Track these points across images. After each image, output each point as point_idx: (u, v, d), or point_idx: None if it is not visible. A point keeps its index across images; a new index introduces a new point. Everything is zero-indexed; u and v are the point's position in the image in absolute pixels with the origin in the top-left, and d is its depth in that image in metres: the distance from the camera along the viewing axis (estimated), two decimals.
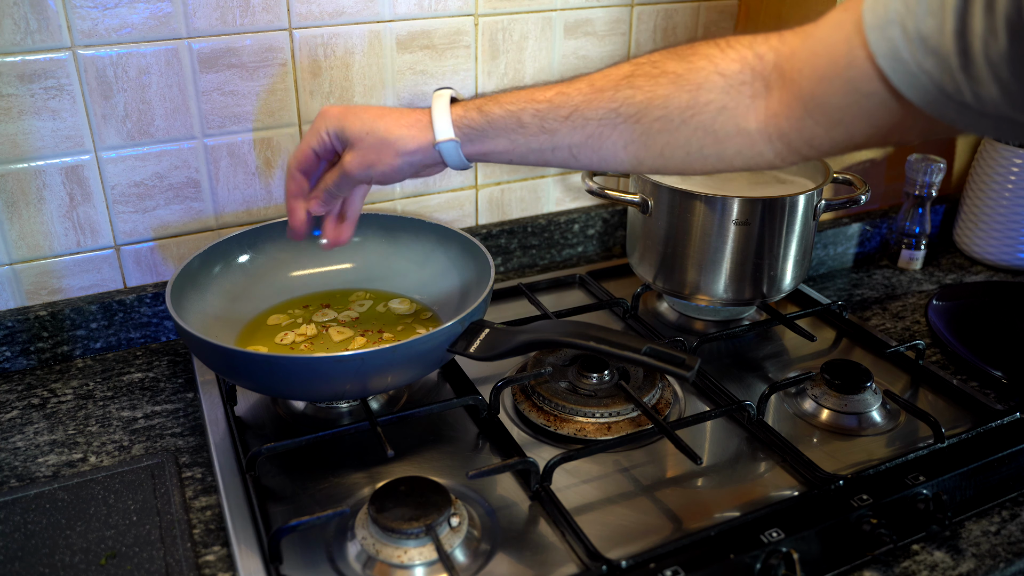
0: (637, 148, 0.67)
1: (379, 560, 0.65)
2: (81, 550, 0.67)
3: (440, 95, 0.71)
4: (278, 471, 0.76)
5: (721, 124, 0.63)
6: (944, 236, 1.30)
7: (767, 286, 0.96)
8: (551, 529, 0.69)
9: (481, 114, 0.69)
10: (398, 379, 0.76)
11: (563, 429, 0.80)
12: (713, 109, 0.63)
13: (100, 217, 0.92)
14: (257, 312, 0.90)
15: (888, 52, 0.51)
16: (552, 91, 0.68)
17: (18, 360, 0.92)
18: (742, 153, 0.64)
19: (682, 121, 0.64)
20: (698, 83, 0.63)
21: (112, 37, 0.85)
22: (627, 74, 0.66)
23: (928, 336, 1.03)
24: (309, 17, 0.93)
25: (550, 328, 0.76)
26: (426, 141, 0.70)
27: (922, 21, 0.48)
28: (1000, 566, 0.69)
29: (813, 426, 0.84)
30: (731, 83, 0.62)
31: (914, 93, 0.51)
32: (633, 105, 0.65)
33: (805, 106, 0.59)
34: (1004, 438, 0.80)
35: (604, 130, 0.66)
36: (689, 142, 0.65)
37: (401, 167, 0.72)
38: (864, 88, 0.54)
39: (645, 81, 0.65)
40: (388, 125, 0.71)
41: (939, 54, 0.48)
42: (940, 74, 0.49)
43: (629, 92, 0.65)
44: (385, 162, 0.71)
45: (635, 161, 0.68)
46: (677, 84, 0.63)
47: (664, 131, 0.65)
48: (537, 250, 1.17)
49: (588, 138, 0.67)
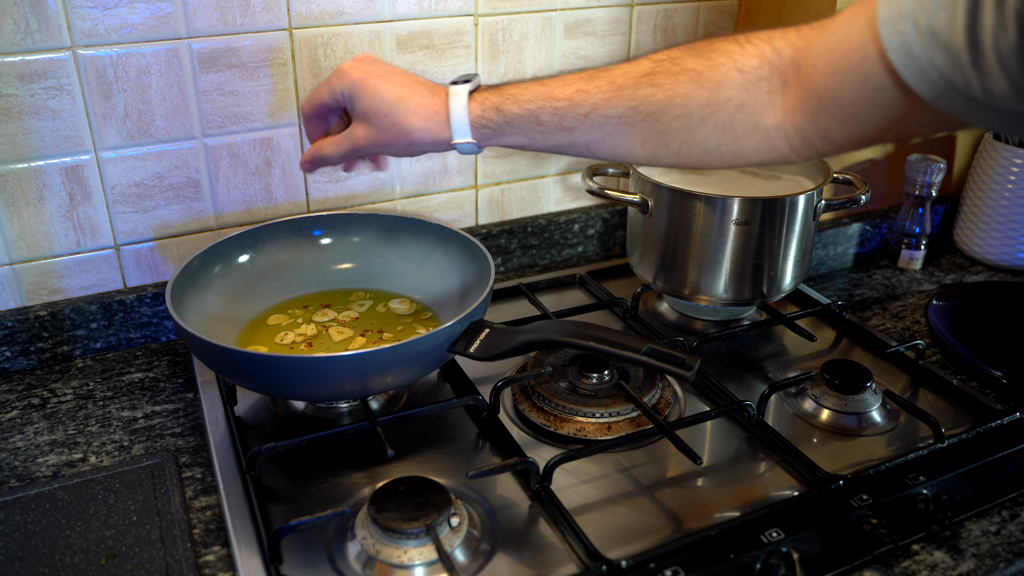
0: (655, 145, 0.67)
1: (379, 560, 0.65)
2: (81, 550, 0.67)
3: (457, 92, 0.70)
4: (278, 471, 0.76)
5: (739, 121, 0.63)
6: (944, 236, 1.30)
7: (767, 286, 0.96)
8: (551, 529, 0.69)
9: (499, 114, 0.69)
10: (398, 379, 0.76)
11: (563, 429, 0.80)
12: (732, 107, 0.63)
13: (100, 217, 0.92)
14: (257, 312, 0.90)
15: (899, 47, 0.51)
16: (572, 88, 0.67)
17: (18, 360, 0.92)
18: (759, 149, 0.64)
19: (701, 119, 0.64)
20: (718, 80, 0.63)
21: (112, 37, 0.85)
22: (647, 71, 0.65)
23: (928, 336, 1.03)
24: (309, 17, 0.93)
25: (550, 328, 0.76)
26: (442, 137, 0.70)
27: (934, 16, 0.48)
28: (1000, 566, 0.69)
29: (813, 426, 0.84)
30: (750, 79, 0.62)
31: (924, 87, 0.51)
32: (653, 103, 0.65)
33: (820, 100, 0.59)
34: (1004, 438, 0.80)
35: (623, 127, 0.66)
36: (707, 140, 0.65)
37: (411, 152, 0.73)
38: (876, 82, 0.54)
39: (665, 79, 0.64)
40: (407, 113, 0.70)
41: (949, 48, 0.48)
42: (950, 68, 0.49)
43: (649, 90, 0.65)
44: (397, 147, 0.72)
45: (651, 157, 0.68)
46: (697, 82, 0.63)
47: (683, 129, 0.65)
48: (537, 250, 1.17)
49: (607, 135, 0.67)
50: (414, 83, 0.72)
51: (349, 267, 0.96)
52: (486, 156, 1.10)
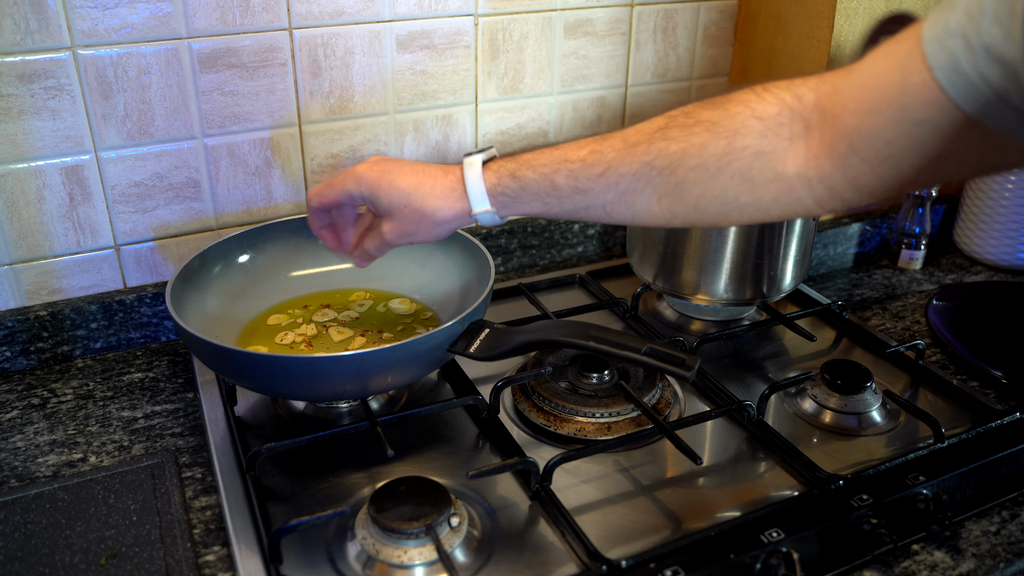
0: (671, 201, 0.65)
1: (379, 560, 0.65)
2: (81, 550, 0.67)
3: (471, 163, 0.71)
4: (278, 471, 0.76)
5: (758, 170, 0.61)
6: (944, 236, 1.30)
7: (767, 286, 0.96)
8: (551, 529, 0.69)
9: (515, 180, 0.69)
10: (398, 379, 0.76)
11: (563, 429, 0.80)
12: (749, 154, 0.61)
13: (100, 217, 0.92)
14: (257, 312, 0.90)
15: (946, 64, 0.50)
16: (585, 149, 0.67)
17: (18, 360, 0.92)
18: (779, 200, 0.62)
19: (718, 169, 0.62)
20: (734, 128, 0.61)
21: (112, 37, 0.85)
22: (661, 127, 0.64)
23: (928, 336, 1.03)
24: (309, 17, 0.93)
25: (550, 328, 0.76)
26: (462, 211, 0.71)
27: (986, 31, 0.48)
28: (1000, 566, 0.69)
29: (813, 426, 0.84)
30: (769, 126, 0.60)
31: (973, 105, 0.50)
32: (667, 156, 0.63)
33: (850, 142, 0.57)
34: (1004, 438, 0.80)
35: (638, 185, 0.65)
36: (725, 191, 0.63)
37: (439, 233, 0.74)
38: (917, 115, 0.52)
39: (679, 132, 0.63)
40: (424, 197, 0.71)
41: (1004, 62, 0.47)
42: (1004, 83, 0.48)
43: (663, 144, 0.64)
44: (424, 231, 0.73)
45: (669, 215, 0.66)
46: (712, 132, 0.62)
47: (699, 181, 0.63)
48: (537, 250, 1.17)
49: (622, 194, 0.66)
50: (427, 169, 0.73)
51: (349, 267, 0.96)
52: None
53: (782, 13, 1.10)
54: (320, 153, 1.00)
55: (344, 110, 0.99)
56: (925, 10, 1.04)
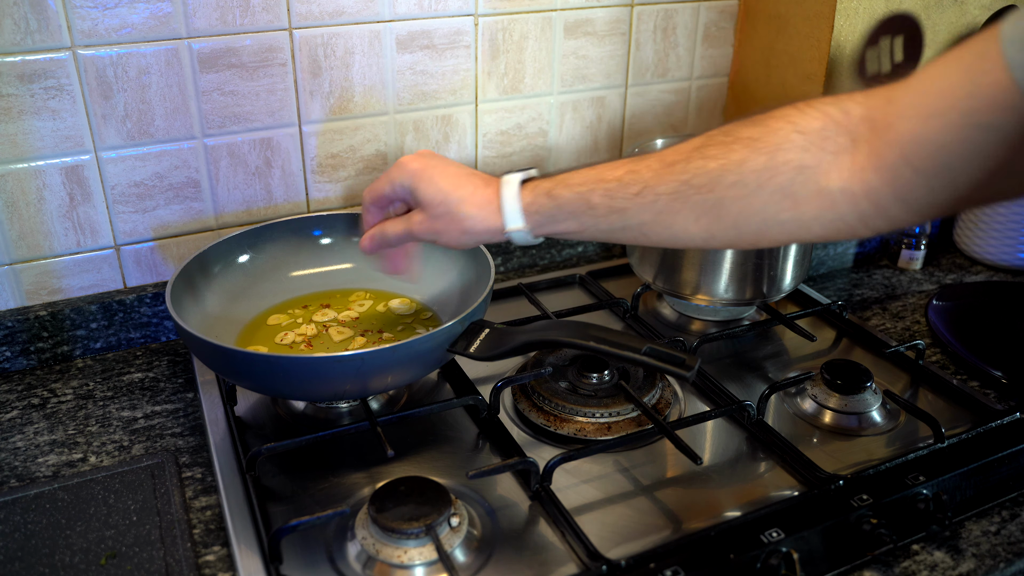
0: (709, 221, 0.63)
1: (379, 560, 0.65)
2: (81, 550, 0.67)
3: (509, 181, 0.71)
4: (278, 471, 0.76)
5: (800, 184, 0.59)
6: (944, 236, 1.30)
7: (767, 286, 0.96)
8: (551, 529, 0.69)
9: (550, 199, 0.68)
10: (398, 379, 0.76)
11: (563, 429, 0.80)
12: (791, 169, 0.59)
13: (100, 217, 0.92)
14: (257, 312, 0.90)
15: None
16: (622, 169, 0.66)
17: (18, 360, 0.92)
18: (822, 217, 0.60)
19: (758, 185, 0.60)
20: (776, 144, 0.59)
21: (112, 37, 0.85)
22: (698, 145, 0.63)
23: (928, 336, 1.03)
24: (309, 17, 0.93)
25: (550, 328, 0.76)
26: (495, 226, 0.71)
27: None
28: (1000, 566, 0.69)
29: (813, 426, 0.84)
30: (812, 140, 0.58)
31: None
32: (705, 174, 0.62)
33: (903, 151, 0.54)
34: (1004, 438, 0.80)
35: (675, 204, 0.64)
36: (765, 208, 0.61)
37: (466, 243, 0.74)
38: (984, 119, 0.50)
39: (718, 150, 0.62)
40: (460, 201, 0.71)
41: None
42: None
43: (701, 162, 0.62)
44: (451, 235, 0.73)
45: (707, 235, 0.64)
46: (752, 147, 0.60)
47: (739, 199, 0.61)
48: (537, 250, 1.17)
49: (659, 214, 0.65)
50: (470, 175, 0.73)
51: (349, 267, 0.96)
52: (486, 156, 1.10)
53: (782, 13, 1.10)
54: (320, 153, 1.00)
55: (344, 110, 0.99)
56: (925, 10, 1.04)
